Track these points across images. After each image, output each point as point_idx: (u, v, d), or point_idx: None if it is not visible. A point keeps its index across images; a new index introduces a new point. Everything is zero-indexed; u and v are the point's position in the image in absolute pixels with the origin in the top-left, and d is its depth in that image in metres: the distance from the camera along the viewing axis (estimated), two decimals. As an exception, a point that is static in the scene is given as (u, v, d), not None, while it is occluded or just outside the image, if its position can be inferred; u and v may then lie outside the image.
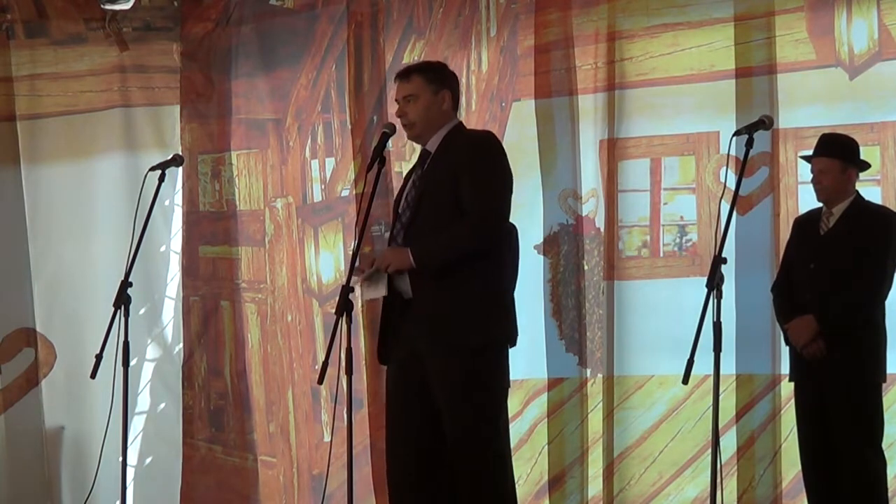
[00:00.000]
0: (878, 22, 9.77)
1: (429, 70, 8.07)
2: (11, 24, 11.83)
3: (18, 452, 11.44)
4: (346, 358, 8.08)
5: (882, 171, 9.49)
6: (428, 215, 7.67)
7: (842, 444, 8.42)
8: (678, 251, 10.43)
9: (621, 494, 10.36)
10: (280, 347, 11.81)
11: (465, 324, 7.50)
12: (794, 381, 8.71)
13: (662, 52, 10.48)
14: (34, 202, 11.78)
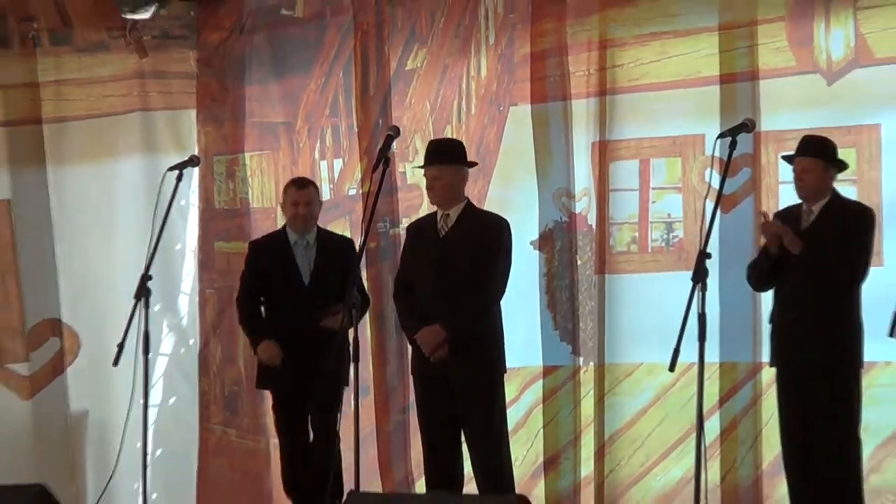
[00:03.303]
0: (855, 31, 9.77)
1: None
2: (38, 33, 11.83)
3: (45, 435, 11.46)
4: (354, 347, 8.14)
5: (858, 172, 9.49)
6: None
7: (820, 428, 8.43)
8: (665, 247, 10.44)
9: (612, 475, 10.37)
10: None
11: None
12: (776, 367, 8.73)
13: (651, 60, 10.49)
14: (59, 201, 11.78)
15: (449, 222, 8.85)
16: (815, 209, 8.48)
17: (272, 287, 9.39)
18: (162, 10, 12.18)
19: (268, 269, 9.43)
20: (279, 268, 9.33)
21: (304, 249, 9.33)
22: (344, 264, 8.99)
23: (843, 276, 8.40)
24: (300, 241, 9.37)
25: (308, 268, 9.28)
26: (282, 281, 9.32)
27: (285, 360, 9.21)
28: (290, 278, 9.27)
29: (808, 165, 8.51)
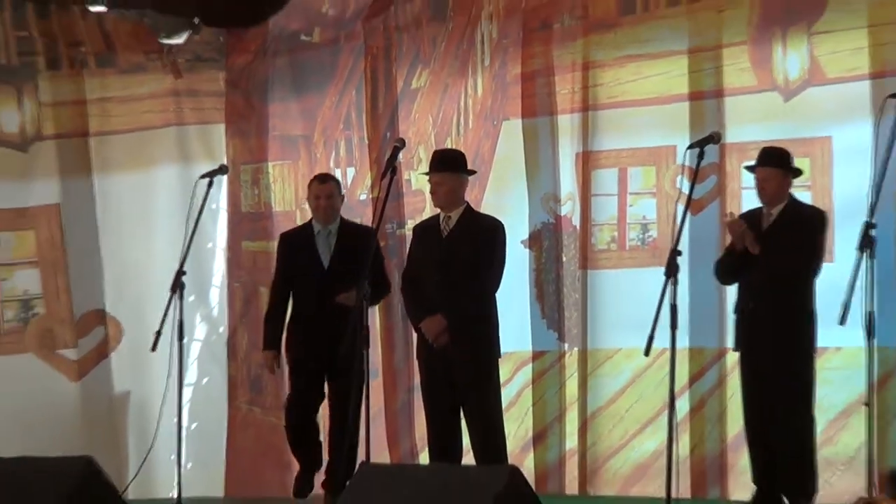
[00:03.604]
0: (809, 54, 9.75)
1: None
2: (84, 56, 11.82)
3: (91, 413, 11.44)
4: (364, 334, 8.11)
5: (812, 179, 9.47)
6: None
7: (779, 405, 8.42)
8: (641, 245, 10.42)
9: (593, 447, 10.36)
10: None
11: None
12: (739, 351, 8.72)
13: (628, 80, 10.47)
14: (104, 205, 11.77)
15: (450, 223, 8.84)
16: (774, 212, 8.47)
17: (297, 275, 9.29)
18: (194, 35, 12.19)
19: (293, 256, 9.36)
20: (302, 254, 9.24)
21: (325, 238, 9.20)
22: (363, 250, 8.93)
23: (799, 271, 8.40)
24: (323, 230, 9.25)
25: (328, 254, 9.15)
26: (304, 266, 9.22)
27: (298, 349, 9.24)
28: (311, 263, 9.16)
29: (768, 174, 8.50)
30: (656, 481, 8.23)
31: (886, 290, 8.39)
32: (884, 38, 9.49)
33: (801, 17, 9.80)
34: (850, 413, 8.97)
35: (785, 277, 8.39)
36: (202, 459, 11.66)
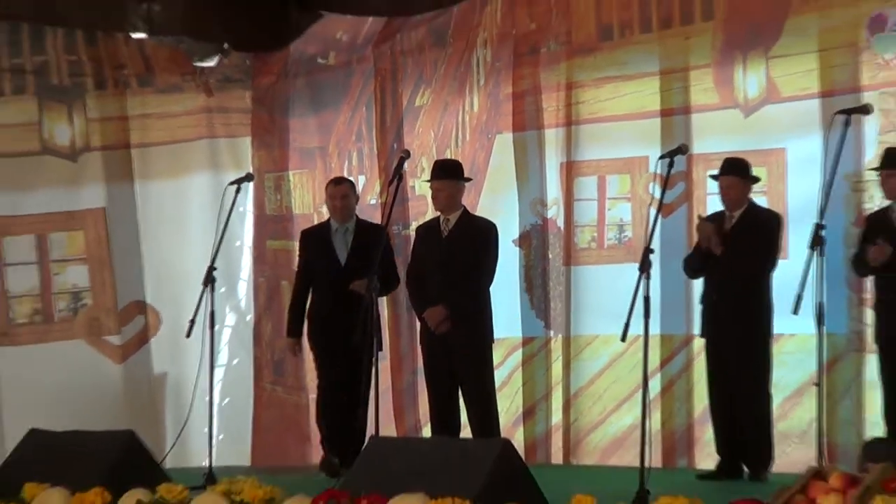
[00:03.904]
0: (766, 75, 9.73)
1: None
2: (127, 78, 11.82)
3: (133, 392, 11.45)
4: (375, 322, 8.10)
5: (768, 185, 9.46)
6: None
7: (740, 385, 8.42)
8: (618, 244, 10.41)
9: (576, 423, 10.35)
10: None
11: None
12: (705, 337, 8.72)
13: (606, 98, 10.45)
14: (144, 209, 11.77)
15: (449, 225, 8.85)
16: (735, 215, 8.48)
17: (317, 269, 9.22)
18: (224, 59, 12.18)
19: (312, 253, 9.30)
20: (321, 251, 9.17)
21: (342, 235, 9.12)
22: (373, 248, 8.87)
23: (758, 267, 8.41)
24: (339, 228, 9.16)
25: (345, 250, 9.07)
26: (322, 261, 9.14)
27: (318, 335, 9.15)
28: (329, 259, 9.08)
29: (730, 182, 8.51)
30: (631, 452, 8.21)
31: (834, 284, 8.43)
32: (832, 62, 9.48)
33: (759, 43, 9.78)
34: (803, 392, 8.96)
35: (745, 273, 8.40)
36: (231, 432, 11.66)
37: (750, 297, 8.39)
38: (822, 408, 7.37)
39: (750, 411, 8.43)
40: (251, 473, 6.94)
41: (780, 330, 8.50)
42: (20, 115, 11.39)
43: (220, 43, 12.04)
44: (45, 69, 11.49)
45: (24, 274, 11.38)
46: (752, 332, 8.40)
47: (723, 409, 8.56)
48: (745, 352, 8.41)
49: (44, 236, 11.45)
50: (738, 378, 8.42)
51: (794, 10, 9.66)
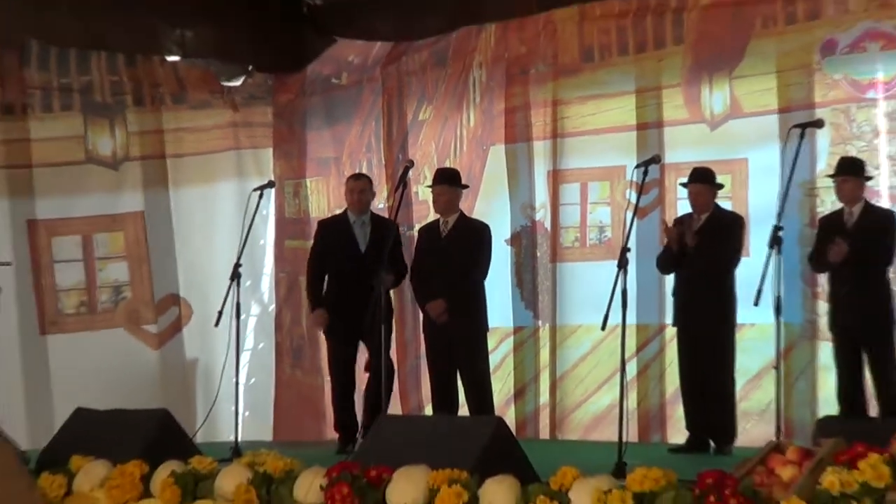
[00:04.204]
0: (730, 93, 9.74)
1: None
2: (163, 95, 11.81)
3: (168, 375, 11.43)
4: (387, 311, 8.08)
5: (732, 191, 9.45)
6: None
7: (707, 368, 8.41)
8: (598, 244, 10.41)
9: (561, 402, 10.34)
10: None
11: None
12: (676, 326, 8.71)
13: (588, 114, 10.46)
14: (178, 212, 11.75)
15: (448, 226, 8.84)
16: (702, 217, 8.46)
17: (337, 255, 8.95)
18: (249, 79, 12.20)
19: (332, 243, 9.04)
20: (342, 240, 8.93)
21: (361, 227, 8.90)
22: (390, 240, 8.65)
23: (723, 263, 8.40)
24: (357, 220, 8.94)
25: (364, 240, 8.85)
26: (344, 250, 8.89)
27: (335, 318, 8.90)
28: (350, 248, 8.86)
29: (699, 189, 8.50)
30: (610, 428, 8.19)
31: (790, 279, 8.47)
32: (788, 81, 9.50)
33: (724, 65, 9.79)
34: (762, 375, 8.96)
35: (712, 268, 8.39)
36: (255, 410, 11.67)
37: (716, 291, 8.37)
38: (779, 389, 7.37)
39: (716, 392, 8.42)
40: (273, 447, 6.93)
41: (742, 320, 8.48)
42: (68, 129, 11.37)
43: (245, 65, 12.05)
44: (89, 88, 11.48)
45: (72, 270, 11.36)
46: (718, 321, 8.38)
47: (692, 390, 8.55)
48: (712, 339, 8.40)
49: (88, 237, 11.44)
50: (706, 362, 8.41)
51: (754, 36, 9.67)
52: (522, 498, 5.16)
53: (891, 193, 8.89)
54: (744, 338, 8.75)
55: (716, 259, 8.37)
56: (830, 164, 8.93)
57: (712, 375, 8.42)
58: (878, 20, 9.15)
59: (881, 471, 4.39)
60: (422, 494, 5.37)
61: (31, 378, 10.79)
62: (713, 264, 8.37)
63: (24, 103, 11.17)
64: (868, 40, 9.21)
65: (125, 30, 11.03)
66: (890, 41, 9.11)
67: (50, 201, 11.22)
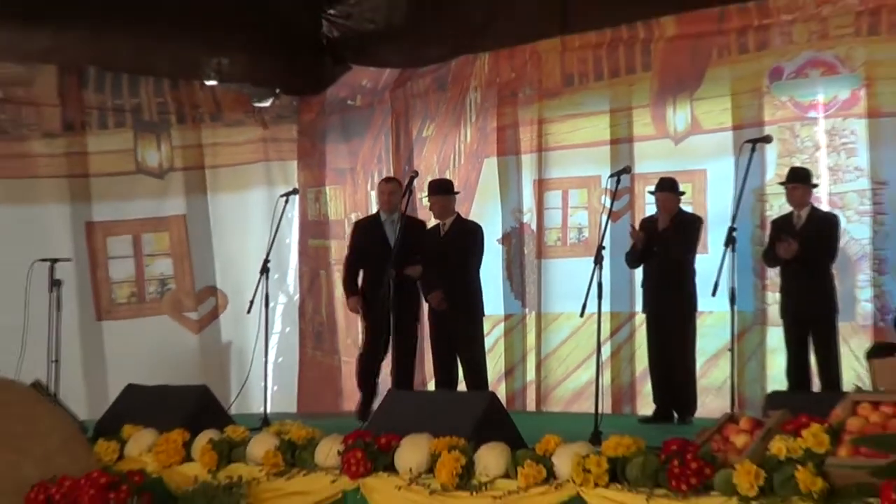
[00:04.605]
0: (691, 113, 9.75)
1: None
2: (202, 115, 11.79)
3: (207, 356, 11.41)
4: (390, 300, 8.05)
5: (693, 197, 9.44)
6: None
7: (672, 350, 8.41)
8: (578, 242, 10.39)
9: (545, 380, 10.34)
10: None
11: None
12: (645, 313, 8.71)
13: (568, 131, 10.47)
14: (215, 215, 11.74)
15: (445, 227, 8.82)
16: (667, 219, 8.45)
17: (371, 251, 8.70)
18: (276, 101, 12.19)
19: (366, 239, 8.85)
20: (375, 237, 8.74)
21: (391, 224, 8.68)
22: (418, 236, 8.63)
23: (685, 256, 8.40)
24: (388, 218, 8.76)
25: (394, 236, 8.51)
26: (376, 245, 8.64)
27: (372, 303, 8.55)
28: (382, 244, 8.59)
29: (664, 196, 8.52)
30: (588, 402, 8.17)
31: (743, 273, 8.49)
32: (741, 103, 9.51)
33: (685, 88, 9.80)
34: (719, 356, 8.94)
35: (676, 263, 8.39)
36: (282, 386, 11.64)
37: (679, 283, 8.37)
38: (734, 368, 7.36)
39: (679, 370, 8.42)
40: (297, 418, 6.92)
41: (702, 308, 8.47)
42: (120, 143, 11.36)
43: (274, 88, 12.05)
44: (139, 108, 11.47)
45: (123, 265, 11.35)
46: (681, 309, 8.38)
47: (658, 368, 8.55)
48: (676, 325, 8.40)
49: (138, 236, 11.42)
50: (671, 345, 8.41)
51: (711, 64, 9.69)
52: (512, 462, 5.15)
53: (830, 199, 8.89)
54: (703, 324, 8.74)
55: (679, 253, 8.40)
56: (778, 174, 8.94)
57: (676, 356, 8.42)
58: (818, 50, 9.16)
59: (822, 438, 4.38)
60: (425, 459, 5.36)
61: (89, 358, 10.79)
62: (677, 257, 8.39)
63: (82, 121, 11.16)
64: (810, 67, 9.22)
65: (170, 58, 11.02)
66: (829, 68, 9.12)
67: (105, 206, 11.21)
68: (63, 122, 11.06)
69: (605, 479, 4.80)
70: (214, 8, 10.70)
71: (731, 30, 9.53)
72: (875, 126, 8.84)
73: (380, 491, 5.39)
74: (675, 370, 8.42)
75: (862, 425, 4.42)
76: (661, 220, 8.47)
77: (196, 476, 6.08)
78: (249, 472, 5.91)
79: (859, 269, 8.85)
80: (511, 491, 5.01)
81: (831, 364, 8.04)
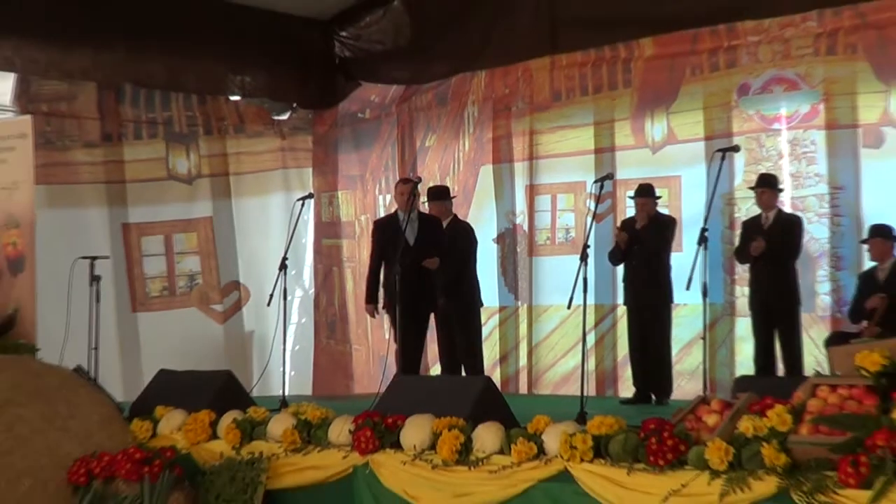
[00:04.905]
0: (667, 125, 9.74)
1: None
2: (227, 126, 11.78)
3: (231, 344, 11.40)
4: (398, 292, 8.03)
5: (669, 201, 9.45)
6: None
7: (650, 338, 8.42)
8: (565, 241, 10.39)
9: (536, 365, 10.34)
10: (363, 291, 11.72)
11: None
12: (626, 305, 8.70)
13: (557, 141, 10.46)
14: (238, 217, 11.74)
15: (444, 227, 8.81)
16: (645, 219, 8.45)
17: (390, 246, 8.34)
18: (294, 114, 12.18)
19: (385, 237, 8.48)
20: (394, 235, 8.37)
21: (409, 223, 8.37)
22: (434, 232, 8.52)
23: (661, 256, 8.40)
24: (405, 217, 8.39)
25: (413, 234, 8.38)
26: (396, 242, 8.28)
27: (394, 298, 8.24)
28: (400, 241, 8.28)
29: (644, 201, 8.52)
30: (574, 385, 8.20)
31: (714, 269, 8.47)
32: (712, 116, 9.51)
33: (662, 103, 9.79)
34: (693, 344, 8.96)
35: (653, 260, 8.39)
36: (299, 371, 11.67)
37: (656, 278, 8.37)
38: (706, 355, 7.36)
39: (656, 357, 8.43)
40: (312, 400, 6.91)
41: (677, 301, 8.48)
42: (153, 152, 11.36)
43: (291, 103, 12.04)
44: (170, 121, 11.47)
45: (156, 262, 11.35)
46: (658, 301, 8.39)
47: (638, 355, 8.55)
48: (654, 315, 8.41)
49: (169, 236, 11.41)
50: (649, 334, 8.42)
51: (685, 81, 9.68)
52: (506, 439, 5.14)
53: (792, 203, 8.89)
54: (678, 315, 8.75)
55: (655, 250, 8.40)
56: (746, 180, 8.95)
57: (653, 344, 8.42)
58: (781, 68, 9.16)
59: (785, 418, 4.38)
60: (428, 437, 5.35)
61: (125, 346, 10.79)
62: (654, 256, 8.38)
63: (119, 133, 11.16)
64: (774, 84, 9.22)
65: (198, 76, 11.01)
66: (791, 85, 9.12)
67: (139, 209, 11.21)
68: (102, 134, 11.05)
69: (589, 454, 4.79)
70: (238, 31, 10.71)
71: (703, 50, 9.53)
72: (832, 137, 8.85)
73: (387, 466, 5.38)
74: (653, 357, 8.42)
75: (821, 406, 4.42)
76: (640, 221, 8.47)
77: (221, 452, 6.07)
78: (269, 449, 5.90)
79: (819, 266, 8.85)
80: (505, 466, 5.01)
81: (794, 351, 8.04)
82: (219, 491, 5.77)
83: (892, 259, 7.85)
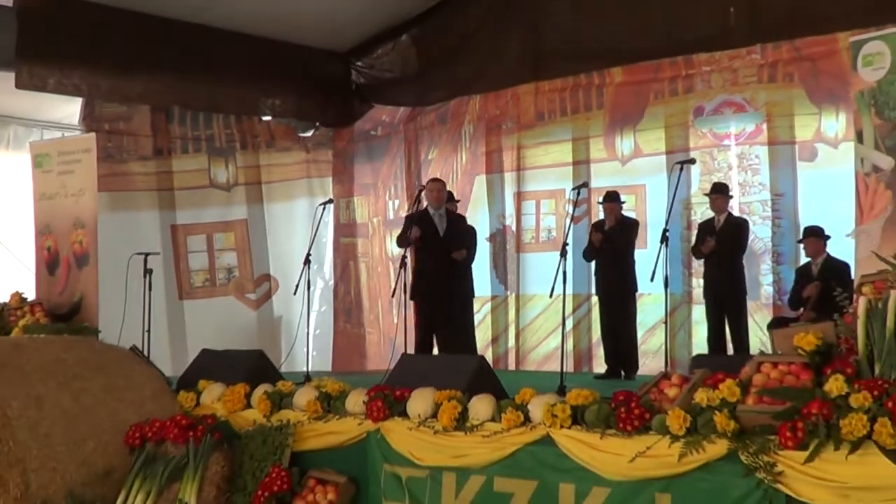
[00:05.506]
0: (634, 141, 9.73)
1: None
2: (260, 142, 11.78)
3: (262, 328, 11.39)
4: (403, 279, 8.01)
5: (635, 206, 9.46)
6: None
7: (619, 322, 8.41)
8: (547, 240, 10.38)
9: (523, 346, 10.33)
10: (375, 282, 11.77)
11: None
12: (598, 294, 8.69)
13: (541, 154, 10.45)
14: (269, 220, 11.72)
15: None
16: (613, 222, 8.44)
17: (423, 240, 8.08)
18: (317, 132, 12.16)
19: (419, 230, 8.07)
20: (425, 227, 8.16)
21: (439, 217, 8.27)
22: (460, 226, 8.33)
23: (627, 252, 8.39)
24: (435, 212, 8.28)
25: (442, 228, 8.24)
26: (428, 236, 8.16)
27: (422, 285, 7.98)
28: (431, 234, 8.17)
29: (612, 206, 8.50)
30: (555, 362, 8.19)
31: (674, 263, 8.49)
32: (672, 133, 9.51)
33: (629, 122, 9.78)
34: (656, 327, 8.93)
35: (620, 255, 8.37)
36: (320, 351, 11.66)
37: (623, 271, 8.36)
38: (667, 337, 7.38)
39: (625, 339, 8.41)
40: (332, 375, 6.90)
41: (642, 290, 8.46)
42: (197, 164, 11.35)
43: (314, 122, 12.03)
44: (211, 137, 11.46)
45: (199, 258, 11.34)
46: (625, 291, 8.38)
47: (609, 337, 8.54)
48: (622, 303, 8.39)
49: (211, 236, 11.41)
50: (618, 319, 8.40)
51: (650, 104, 9.68)
52: (497, 409, 5.14)
53: (740, 207, 8.89)
54: (643, 302, 8.75)
55: (623, 249, 8.36)
56: (701, 188, 8.94)
57: (622, 328, 8.41)
58: (731, 94, 9.17)
59: (734, 390, 4.38)
60: (430, 407, 5.35)
61: (173, 329, 10.77)
62: (621, 253, 8.37)
63: (168, 148, 11.16)
64: (724, 107, 9.22)
65: (235, 99, 11.01)
66: (739, 107, 9.12)
67: (185, 212, 11.20)
68: (154, 149, 11.06)
69: (568, 422, 4.79)
70: (269, 61, 10.74)
71: (665, 78, 9.52)
72: (774, 151, 8.87)
73: (395, 431, 5.39)
74: (622, 338, 8.41)
75: (764, 380, 4.42)
76: (608, 223, 8.46)
77: (254, 419, 6.07)
78: (295, 417, 5.90)
79: (762, 261, 8.86)
80: (496, 431, 5.01)
81: (741, 333, 8.05)
82: (252, 452, 5.78)
83: (823, 255, 7.86)
